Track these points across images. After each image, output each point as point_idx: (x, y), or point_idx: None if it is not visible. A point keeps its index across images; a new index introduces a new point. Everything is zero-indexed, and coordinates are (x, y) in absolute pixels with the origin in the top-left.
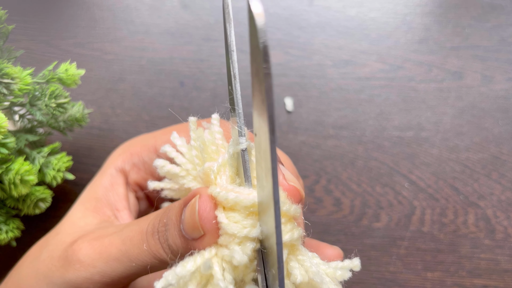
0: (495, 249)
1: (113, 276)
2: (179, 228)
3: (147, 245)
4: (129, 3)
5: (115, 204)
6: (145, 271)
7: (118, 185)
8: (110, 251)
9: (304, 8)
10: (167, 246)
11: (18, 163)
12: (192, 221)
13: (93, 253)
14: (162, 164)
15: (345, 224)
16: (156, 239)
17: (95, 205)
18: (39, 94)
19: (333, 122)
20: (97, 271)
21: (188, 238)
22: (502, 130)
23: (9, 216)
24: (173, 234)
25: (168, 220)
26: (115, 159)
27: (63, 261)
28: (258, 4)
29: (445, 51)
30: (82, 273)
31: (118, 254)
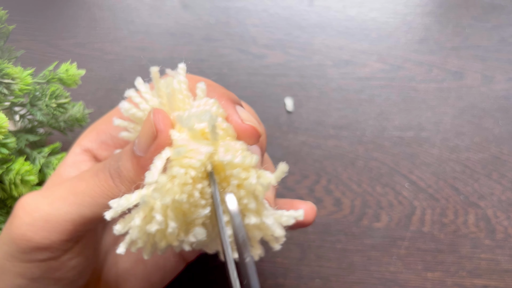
0: (495, 249)
1: (58, 218)
2: (131, 151)
3: (96, 179)
4: (130, 3)
5: None
6: (92, 212)
7: (80, 162)
8: (56, 192)
9: (304, 8)
10: (117, 175)
11: (19, 163)
12: (147, 126)
13: (37, 197)
14: (128, 107)
15: (345, 224)
16: (106, 172)
17: (55, 181)
18: (40, 94)
19: (333, 122)
20: (41, 215)
21: (139, 156)
22: (502, 130)
23: None
24: (124, 159)
25: (121, 152)
26: (81, 139)
27: (10, 218)
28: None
29: (445, 51)
30: (24, 219)
31: (64, 193)
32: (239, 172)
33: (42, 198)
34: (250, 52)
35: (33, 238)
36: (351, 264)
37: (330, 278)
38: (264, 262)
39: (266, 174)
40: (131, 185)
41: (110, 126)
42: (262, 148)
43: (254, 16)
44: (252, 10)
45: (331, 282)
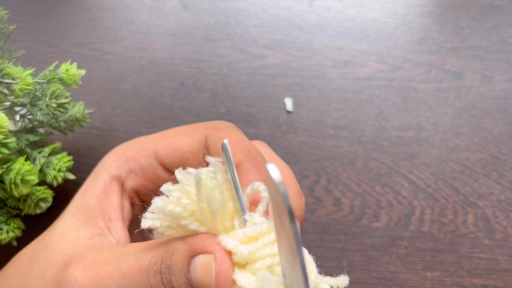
0: (494, 249)
1: None
2: (186, 278)
3: (147, 282)
4: (130, 3)
5: (108, 214)
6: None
7: (112, 193)
8: (107, 284)
9: (304, 8)
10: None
11: (19, 163)
12: (206, 281)
13: (89, 284)
14: (162, 205)
15: (345, 224)
16: (158, 280)
17: (87, 215)
18: (40, 94)
19: (333, 122)
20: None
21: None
22: (501, 130)
23: (10, 216)
24: (179, 281)
25: (172, 264)
26: (109, 165)
27: (55, 287)
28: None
29: (444, 52)
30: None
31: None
32: None
33: (94, 286)
34: (250, 53)
35: None
36: (350, 263)
37: None
38: None
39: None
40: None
41: (140, 154)
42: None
43: (254, 17)
44: (252, 10)
45: None
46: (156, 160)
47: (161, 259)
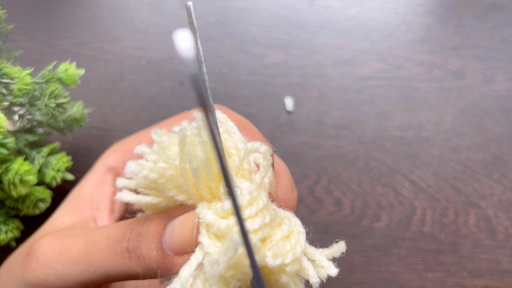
0: (496, 250)
1: (69, 280)
2: (159, 241)
3: (112, 253)
4: (129, 2)
5: (97, 203)
6: (103, 279)
7: (104, 184)
8: (70, 252)
9: (304, 7)
10: (136, 256)
11: (18, 163)
12: (187, 237)
13: (52, 252)
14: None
15: (346, 225)
16: (123, 247)
17: (76, 203)
18: (39, 94)
19: (333, 122)
20: (53, 273)
21: (168, 253)
22: (503, 130)
23: (9, 216)
24: (149, 246)
25: (144, 231)
26: (106, 158)
27: (24, 258)
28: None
29: (446, 51)
30: (38, 272)
31: (77, 257)
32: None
33: (57, 254)
34: (250, 52)
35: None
36: (351, 264)
37: (330, 278)
38: None
39: (324, 262)
40: (150, 273)
41: (137, 146)
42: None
43: (254, 16)
44: (252, 9)
45: (331, 282)
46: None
47: (132, 228)
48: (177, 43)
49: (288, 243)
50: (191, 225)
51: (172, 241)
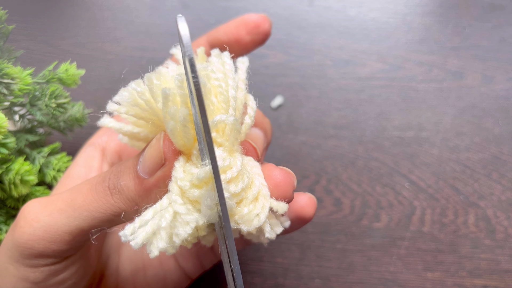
0: (495, 249)
1: (56, 230)
2: (134, 170)
3: (94, 194)
4: (129, 3)
5: (85, 178)
6: (90, 224)
7: (91, 158)
8: (56, 203)
9: (304, 8)
10: (117, 191)
11: (18, 163)
12: (155, 151)
13: (38, 207)
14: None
15: (345, 224)
16: (105, 186)
17: (65, 183)
18: (39, 94)
19: (333, 122)
20: (41, 225)
21: (143, 177)
22: (502, 130)
23: (9, 216)
24: (126, 177)
25: (122, 168)
26: (92, 137)
27: (13, 224)
28: (185, 25)
29: (445, 51)
30: (26, 229)
31: (62, 205)
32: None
33: (43, 208)
34: (250, 52)
35: (34, 246)
36: (351, 264)
37: (330, 278)
38: (264, 262)
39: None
40: (131, 204)
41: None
42: (267, 137)
43: None
44: (252, 10)
45: (331, 282)
46: None
47: (111, 170)
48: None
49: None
50: (157, 143)
51: (144, 164)
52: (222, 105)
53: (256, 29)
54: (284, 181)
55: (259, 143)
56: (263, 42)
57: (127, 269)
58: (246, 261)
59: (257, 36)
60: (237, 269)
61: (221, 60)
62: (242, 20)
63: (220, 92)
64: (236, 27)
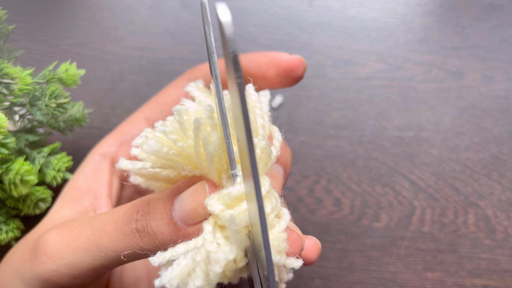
0: (495, 249)
1: (81, 268)
2: (168, 216)
3: (121, 236)
4: (129, 3)
5: (95, 192)
6: (115, 263)
7: (100, 171)
8: (79, 241)
9: (304, 8)
10: (147, 235)
11: (18, 163)
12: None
13: (60, 243)
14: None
15: (345, 224)
16: (132, 229)
17: (73, 195)
18: (39, 94)
19: (333, 122)
20: (64, 263)
21: (180, 226)
22: (502, 130)
23: (9, 216)
24: (159, 222)
25: (151, 209)
26: (99, 146)
27: (31, 254)
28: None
29: (445, 51)
30: (48, 265)
31: (86, 244)
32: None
33: (66, 245)
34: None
35: (57, 282)
36: (351, 264)
37: (330, 278)
38: None
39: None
40: (163, 248)
41: (131, 125)
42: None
43: (254, 16)
44: (252, 10)
45: (331, 282)
46: (148, 124)
47: (137, 208)
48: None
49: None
50: (202, 193)
51: (183, 213)
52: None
53: (288, 73)
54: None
55: (280, 180)
56: (293, 85)
57: (130, 277)
58: None
59: (287, 80)
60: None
61: (247, 92)
62: (274, 59)
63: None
64: (266, 64)
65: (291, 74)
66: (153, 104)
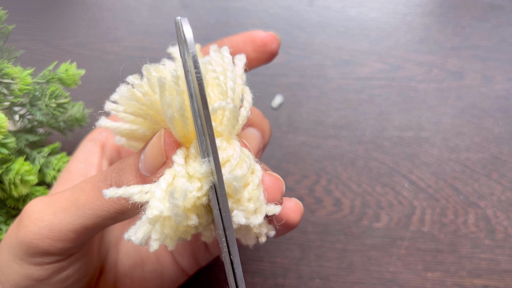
0: (495, 249)
1: (61, 228)
2: (136, 168)
3: (97, 192)
4: (129, 3)
5: (85, 173)
6: (94, 224)
7: (91, 154)
8: (59, 202)
9: (304, 8)
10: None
11: (18, 163)
12: (156, 149)
13: (42, 206)
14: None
15: (345, 224)
16: (107, 184)
17: (66, 178)
18: (39, 94)
19: (333, 122)
20: (45, 225)
21: (144, 175)
22: (502, 130)
23: (10, 216)
24: (128, 175)
25: (123, 165)
26: (92, 132)
27: (17, 222)
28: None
29: (445, 51)
30: (30, 228)
31: (66, 204)
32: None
33: (47, 207)
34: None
35: (39, 245)
36: (351, 264)
37: (330, 278)
38: (264, 262)
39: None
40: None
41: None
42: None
43: (254, 16)
44: (252, 10)
45: (331, 282)
46: None
47: (112, 168)
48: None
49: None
50: (158, 140)
51: (146, 162)
52: (220, 96)
53: (263, 48)
54: (273, 187)
55: (255, 143)
56: (269, 61)
57: (125, 264)
58: (246, 261)
59: (263, 54)
60: (237, 260)
61: (220, 54)
62: (250, 36)
63: (218, 84)
64: (242, 42)
65: (266, 49)
66: None
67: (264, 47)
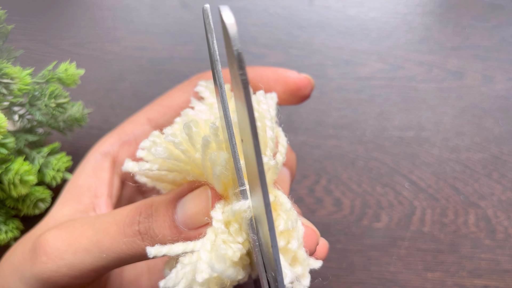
0: (495, 249)
1: (82, 268)
2: (171, 219)
3: (123, 237)
4: (129, 2)
5: (95, 190)
6: (116, 264)
7: (101, 169)
8: (80, 242)
9: (304, 8)
10: (149, 237)
11: (18, 163)
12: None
13: (61, 244)
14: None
15: (345, 224)
16: (135, 231)
17: (73, 193)
18: (39, 94)
19: (333, 122)
20: (65, 263)
21: (182, 230)
22: (502, 130)
23: (9, 216)
24: (161, 225)
25: (154, 212)
26: (101, 144)
27: (31, 254)
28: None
29: (445, 51)
30: (49, 265)
31: (88, 245)
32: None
33: (67, 245)
34: (250, 52)
35: (57, 282)
36: (351, 264)
37: (330, 278)
38: None
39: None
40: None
41: (133, 125)
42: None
43: (254, 16)
44: (252, 9)
45: (331, 282)
46: (150, 126)
47: (140, 211)
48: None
49: (300, 272)
50: (204, 199)
51: (185, 217)
52: None
53: (296, 92)
54: (311, 241)
55: (287, 184)
56: (298, 104)
57: (131, 273)
58: None
59: (294, 98)
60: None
61: (256, 99)
62: (283, 76)
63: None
64: (274, 80)
65: (298, 93)
66: (156, 107)
67: (297, 91)
